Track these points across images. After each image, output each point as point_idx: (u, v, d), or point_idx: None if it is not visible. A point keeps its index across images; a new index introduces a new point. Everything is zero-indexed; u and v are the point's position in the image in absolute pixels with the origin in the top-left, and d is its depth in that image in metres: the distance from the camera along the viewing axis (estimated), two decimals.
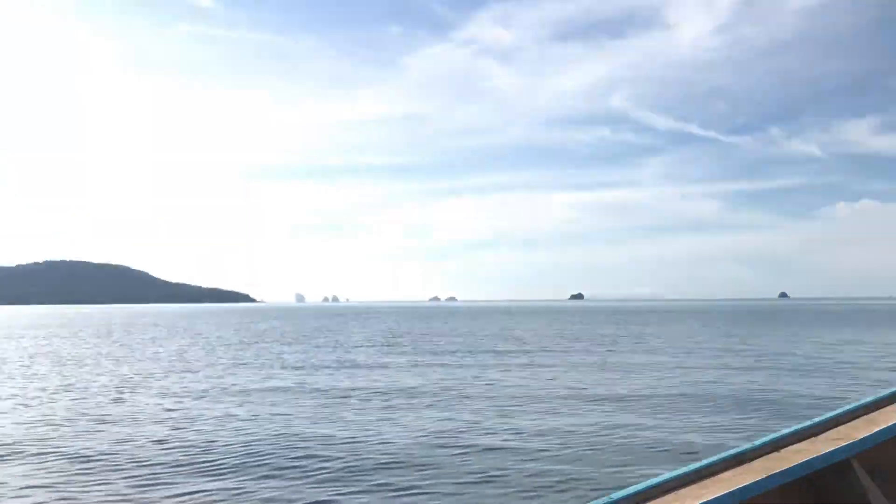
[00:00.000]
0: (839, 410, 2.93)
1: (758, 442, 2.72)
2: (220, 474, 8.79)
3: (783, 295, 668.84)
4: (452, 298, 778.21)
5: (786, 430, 2.80)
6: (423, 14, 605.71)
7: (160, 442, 10.74)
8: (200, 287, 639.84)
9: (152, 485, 8.32)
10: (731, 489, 2.34)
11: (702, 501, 2.28)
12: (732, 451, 2.65)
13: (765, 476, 2.43)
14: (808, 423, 2.84)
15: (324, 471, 8.86)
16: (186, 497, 7.78)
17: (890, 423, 2.72)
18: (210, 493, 7.94)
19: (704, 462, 2.57)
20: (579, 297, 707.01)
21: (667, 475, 2.49)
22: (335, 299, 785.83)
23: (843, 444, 2.59)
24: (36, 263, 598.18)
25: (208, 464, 9.32)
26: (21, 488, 8.20)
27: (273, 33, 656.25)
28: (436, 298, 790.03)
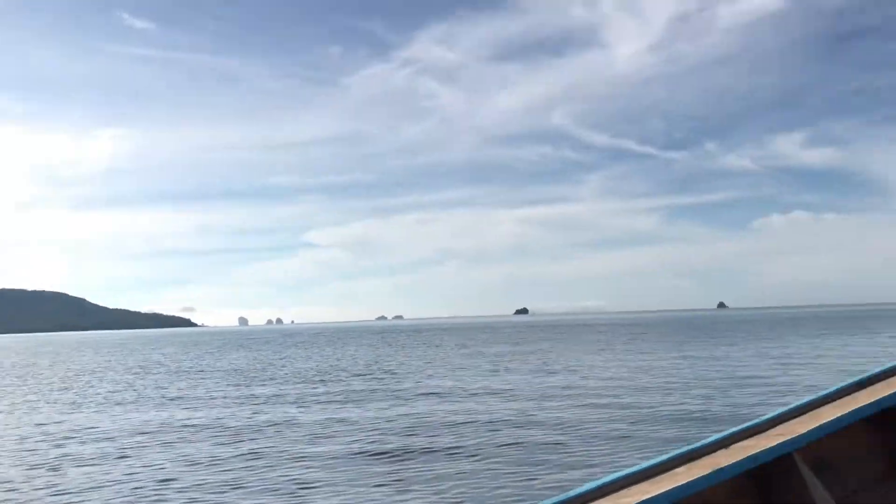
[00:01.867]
0: (786, 408, 3.03)
1: (708, 439, 2.81)
2: None
3: (721, 305, 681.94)
4: (399, 317, 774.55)
5: (735, 428, 2.91)
6: (363, 34, 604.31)
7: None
8: (139, 312, 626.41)
9: None
10: (682, 483, 2.47)
11: (652, 495, 2.40)
12: (684, 449, 2.75)
13: (714, 470, 2.55)
14: (756, 420, 2.96)
15: None
16: None
17: (830, 419, 2.85)
18: None
19: (657, 459, 2.68)
20: (524, 311, 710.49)
21: (620, 473, 2.58)
22: (279, 321, 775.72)
23: (787, 439, 2.73)
24: None
25: None
26: None
27: (211, 54, 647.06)
28: (383, 317, 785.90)
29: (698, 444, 2.77)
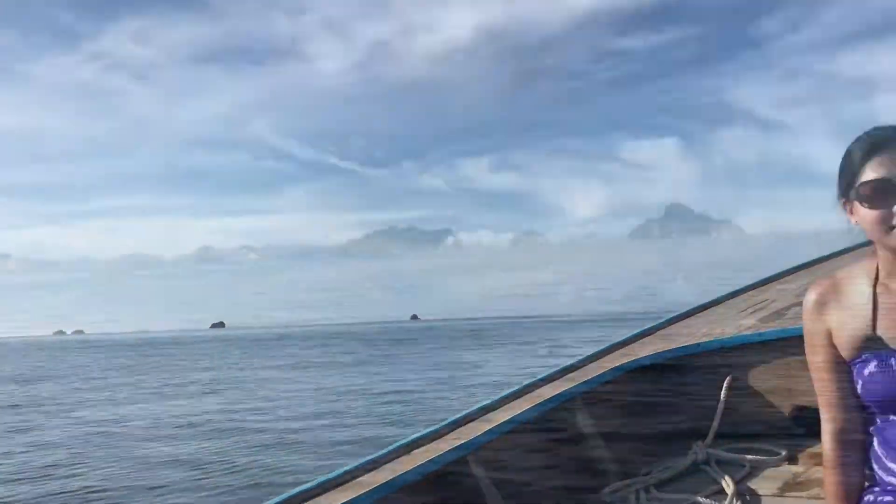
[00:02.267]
0: (462, 414, 3.20)
1: (390, 447, 2.91)
2: None
3: (414, 317, 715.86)
4: (80, 331, 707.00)
5: (417, 434, 3.02)
6: (47, 22, 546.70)
7: None
8: None
9: None
10: (366, 490, 2.54)
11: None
12: (370, 457, 2.82)
13: (396, 476, 2.65)
14: (435, 426, 3.10)
15: None
16: None
17: (500, 422, 3.02)
18: None
19: (341, 470, 2.73)
20: (220, 325, 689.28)
21: (307, 484, 2.57)
22: None
23: (462, 442, 2.89)
24: None
25: None
26: None
27: None
28: (61, 332, 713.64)
29: (381, 452, 2.91)
